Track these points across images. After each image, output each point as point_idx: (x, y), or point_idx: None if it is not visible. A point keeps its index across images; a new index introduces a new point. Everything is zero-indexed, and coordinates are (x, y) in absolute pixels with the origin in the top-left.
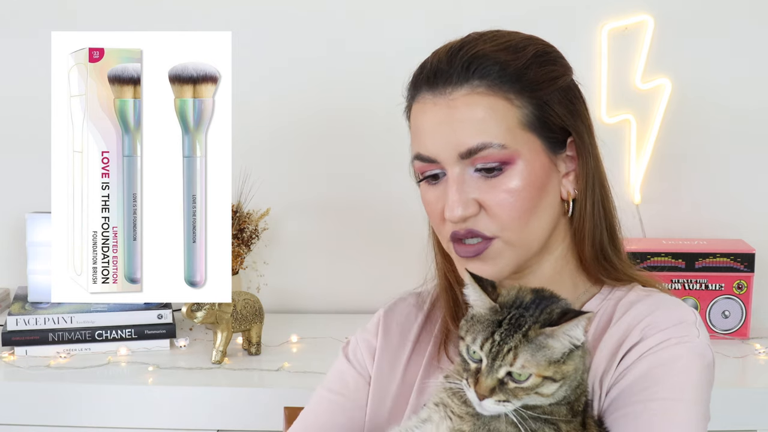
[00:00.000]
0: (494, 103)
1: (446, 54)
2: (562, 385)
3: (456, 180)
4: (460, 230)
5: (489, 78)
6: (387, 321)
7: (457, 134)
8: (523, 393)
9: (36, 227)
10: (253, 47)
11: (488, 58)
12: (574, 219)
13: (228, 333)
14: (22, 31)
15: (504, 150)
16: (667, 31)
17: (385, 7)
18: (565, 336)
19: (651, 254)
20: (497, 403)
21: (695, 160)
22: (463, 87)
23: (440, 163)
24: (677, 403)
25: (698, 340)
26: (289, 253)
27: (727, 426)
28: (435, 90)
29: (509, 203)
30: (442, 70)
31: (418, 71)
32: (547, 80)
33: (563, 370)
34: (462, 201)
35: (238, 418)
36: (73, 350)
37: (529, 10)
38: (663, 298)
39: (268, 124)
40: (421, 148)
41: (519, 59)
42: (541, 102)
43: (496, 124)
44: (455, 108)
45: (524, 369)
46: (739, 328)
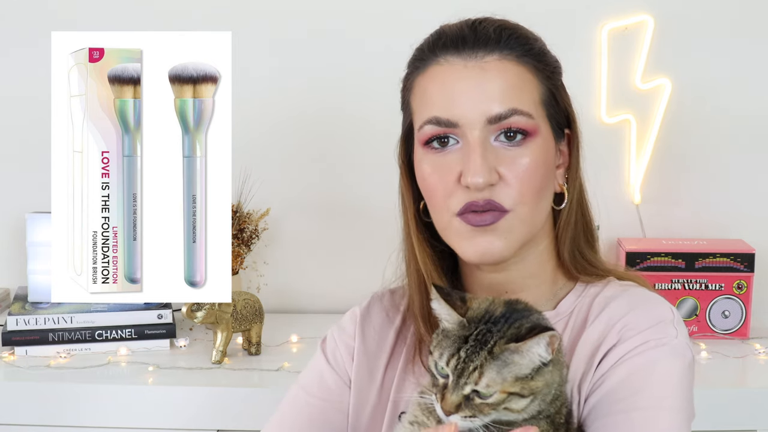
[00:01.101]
0: (523, 73)
1: (467, 25)
2: (533, 400)
3: (480, 143)
4: (479, 200)
5: (518, 49)
6: (364, 325)
7: (488, 97)
8: (490, 409)
9: (36, 227)
10: (253, 47)
11: (516, 30)
12: (562, 213)
13: (228, 333)
14: (22, 31)
15: (531, 120)
16: (667, 31)
17: (386, 7)
18: (529, 353)
19: (651, 254)
20: (464, 419)
21: (695, 160)
22: (494, 53)
23: (461, 127)
24: (659, 412)
25: (677, 340)
26: (289, 253)
27: (727, 426)
28: (462, 53)
29: (528, 176)
30: (469, 35)
31: (433, 37)
32: (557, 69)
33: (531, 386)
34: (486, 168)
35: (238, 418)
36: (73, 350)
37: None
38: (639, 294)
39: (269, 125)
40: (442, 111)
41: (538, 41)
42: (554, 86)
43: (525, 93)
44: (488, 71)
45: (489, 388)
46: (739, 328)
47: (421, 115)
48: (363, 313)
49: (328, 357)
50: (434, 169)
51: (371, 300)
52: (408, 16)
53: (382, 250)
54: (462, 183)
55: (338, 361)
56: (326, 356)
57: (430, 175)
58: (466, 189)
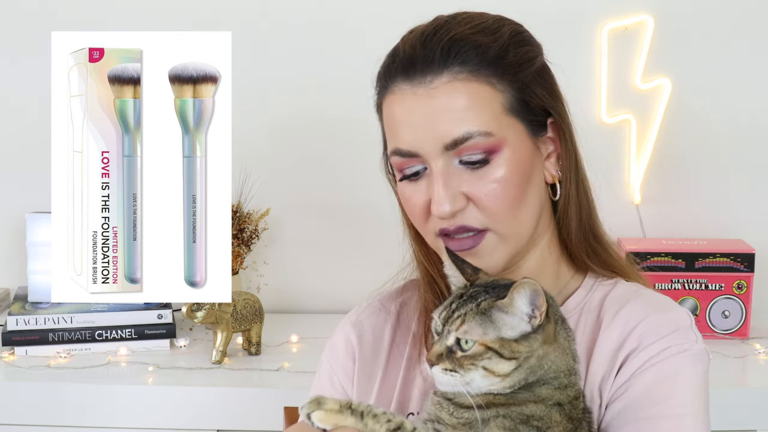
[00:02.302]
0: (477, 89)
1: (420, 40)
2: (517, 367)
3: (441, 173)
4: (450, 226)
5: (470, 63)
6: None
7: (440, 125)
8: (468, 363)
9: (36, 227)
10: (253, 47)
11: (467, 41)
12: (560, 201)
13: (228, 333)
14: (22, 31)
15: (490, 138)
16: (667, 31)
17: (386, 8)
18: (514, 309)
19: (651, 254)
20: (444, 371)
21: (695, 160)
22: (443, 74)
23: (422, 157)
24: (686, 419)
25: (696, 345)
26: (289, 253)
27: (727, 426)
28: (413, 79)
29: (498, 193)
30: (418, 57)
31: (389, 60)
32: (526, 61)
33: (513, 347)
34: (450, 195)
35: (238, 418)
36: (73, 350)
37: (529, 10)
38: (654, 298)
39: (268, 125)
40: (401, 142)
41: (497, 41)
42: (522, 84)
43: (480, 111)
44: (436, 97)
45: (467, 335)
46: (739, 328)
47: (389, 143)
48: (358, 332)
49: (323, 386)
50: (409, 196)
51: (364, 312)
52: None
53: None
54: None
55: (334, 383)
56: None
57: (406, 201)
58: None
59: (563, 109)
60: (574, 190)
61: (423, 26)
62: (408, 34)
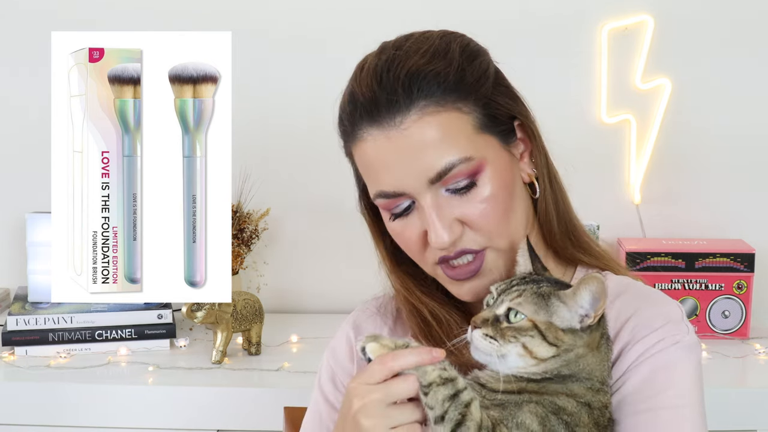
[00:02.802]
0: (447, 119)
1: (374, 79)
2: (555, 355)
3: (433, 206)
4: (451, 253)
5: (434, 94)
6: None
7: (420, 162)
8: (510, 335)
9: (36, 227)
10: (253, 47)
11: (424, 73)
12: (540, 198)
13: (228, 333)
14: (22, 31)
15: (471, 162)
16: (667, 31)
17: (387, 8)
18: (574, 301)
19: (651, 254)
20: (484, 336)
21: (695, 159)
22: (410, 112)
23: (409, 194)
24: (684, 409)
25: (689, 336)
26: (289, 253)
27: (727, 426)
28: (380, 123)
29: (489, 211)
30: (380, 99)
31: (349, 107)
32: (482, 75)
33: (558, 334)
34: (446, 225)
35: (238, 418)
36: (73, 350)
37: (529, 11)
38: (644, 291)
39: (269, 124)
40: (383, 185)
41: (452, 63)
42: (486, 99)
43: (456, 138)
44: (410, 136)
45: (520, 307)
46: (739, 328)
47: (370, 186)
48: (355, 324)
49: (329, 398)
50: (401, 231)
51: (359, 317)
52: (410, 11)
53: None
54: (429, 243)
55: (337, 384)
56: (326, 397)
57: (399, 234)
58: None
59: (525, 108)
60: (548, 184)
61: (372, 61)
62: (359, 72)
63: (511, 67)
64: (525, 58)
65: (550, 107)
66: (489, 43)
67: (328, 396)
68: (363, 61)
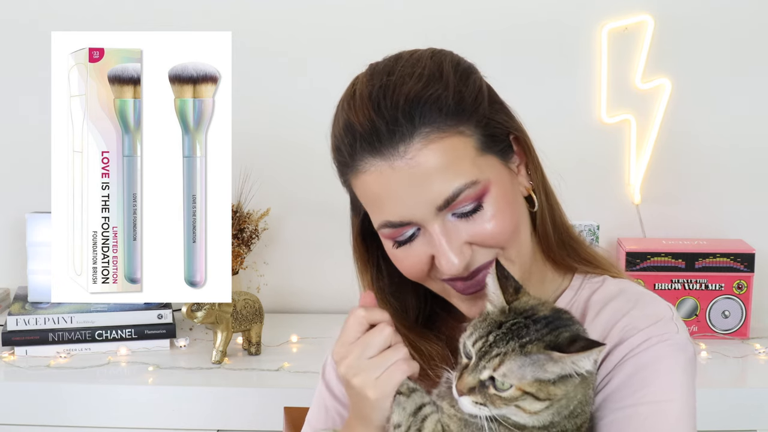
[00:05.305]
0: (451, 144)
1: (371, 108)
2: (549, 407)
3: (442, 232)
4: (464, 274)
5: (435, 121)
6: None
7: (427, 190)
8: (501, 402)
9: (36, 227)
10: (253, 47)
11: (423, 99)
12: (538, 209)
13: (228, 333)
14: (22, 31)
15: (477, 186)
16: (667, 31)
17: (387, 9)
18: (571, 365)
19: (651, 254)
20: (474, 404)
21: (695, 159)
22: (413, 140)
23: (416, 222)
24: (668, 404)
25: (678, 335)
26: (289, 253)
27: (727, 426)
28: (383, 153)
29: (497, 230)
30: (380, 129)
31: (347, 138)
32: (478, 94)
33: (550, 390)
34: (457, 251)
35: (238, 418)
36: (73, 350)
37: (530, 11)
38: (637, 294)
39: (268, 124)
40: (389, 215)
41: (449, 86)
42: (485, 120)
43: (461, 163)
44: (416, 165)
45: (505, 378)
46: (739, 328)
47: (373, 217)
48: None
49: (333, 389)
50: (404, 257)
51: None
52: (410, 18)
53: None
54: (439, 269)
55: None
56: (329, 388)
57: (403, 260)
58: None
59: (517, 122)
60: (545, 195)
61: (365, 88)
62: (350, 99)
63: (511, 68)
64: (525, 59)
65: (550, 107)
66: (489, 44)
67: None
68: (352, 86)
